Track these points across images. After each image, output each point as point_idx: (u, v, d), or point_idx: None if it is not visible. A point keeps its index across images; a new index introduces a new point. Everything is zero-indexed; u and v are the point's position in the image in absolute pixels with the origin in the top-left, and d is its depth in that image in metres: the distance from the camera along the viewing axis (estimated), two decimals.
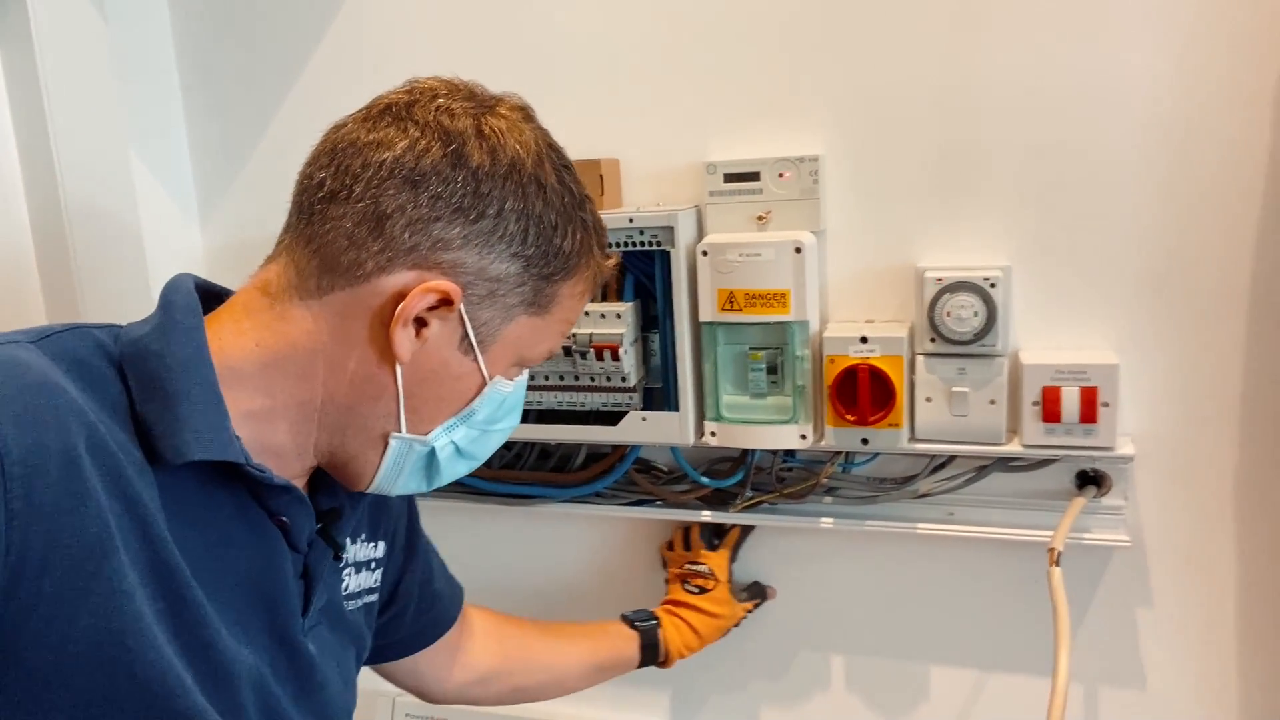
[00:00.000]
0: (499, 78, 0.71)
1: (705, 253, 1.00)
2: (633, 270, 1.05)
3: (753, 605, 1.13)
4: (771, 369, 1.03)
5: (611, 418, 1.06)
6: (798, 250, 0.97)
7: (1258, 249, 0.93)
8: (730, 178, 1.02)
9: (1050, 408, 0.95)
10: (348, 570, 0.77)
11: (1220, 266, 0.94)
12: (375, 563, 0.81)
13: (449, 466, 0.70)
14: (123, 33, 1.18)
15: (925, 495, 1.04)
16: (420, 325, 0.63)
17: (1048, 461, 1.00)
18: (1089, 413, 0.94)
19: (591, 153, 1.04)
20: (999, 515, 1.03)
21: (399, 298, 0.62)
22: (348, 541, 0.77)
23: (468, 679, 0.96)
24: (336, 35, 1.18)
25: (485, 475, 1.16)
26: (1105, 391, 0.94)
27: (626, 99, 1.08)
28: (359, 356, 0.64)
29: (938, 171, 1.00)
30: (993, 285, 0.95)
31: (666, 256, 1.01)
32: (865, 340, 0.98)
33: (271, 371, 0.63)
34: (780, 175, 1.01)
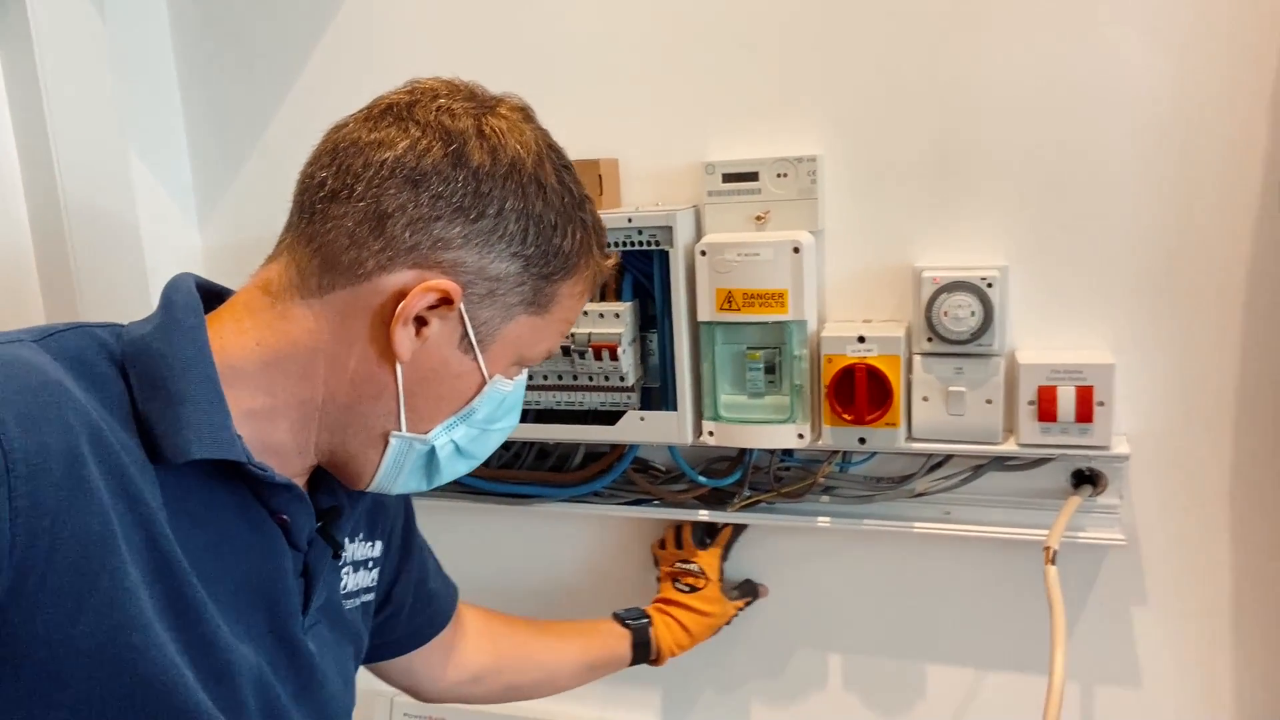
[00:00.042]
0: (499, 78, 0.71)
1: (704, 252, 1.00)
2: (631, 270, 1.05)
3: (744, 603, 1.13)
4: (769, 368, 1.03)
5: (610, 417, 1.07)
6: (796, 250, 0.98)
7: (1254, 250, 0.93)
8: (729, 178, 1.03)
9: (1046, 407, 0.95)
10: (345, 569, 0.78)
11: (1216, 267, 0.95)
12: (372, 562, 0.82)
13: (449, 465, 0.70)
14: (122, 33, 1.18)
15: (922, 494, 1.04)
16: (420, 324, 0.64)
17: (1044, 460, 1.00)
18: (1085, 412, 0.95)
19: (590, 153, 1.04)
20: (995, 514, 1.03)
21: (399, 296, 0.62)
22: (346, 541, 0.77)
23: (461, 677, 0.96)
24: (335, 36, 1.18)
25: (483, 475, 1.16)
26: (1101, 391, 0.94)
27: (626, 99, 1.08)
28: (359, 355, 0.64)
29: (935, 172, 1.00)
30: (989, 285, 0.96)
31: (665, 256, 1.01)
32: (863, 340, 0.98)
33: (272, 370, 0.63)
34: (779, 175, 1.02)
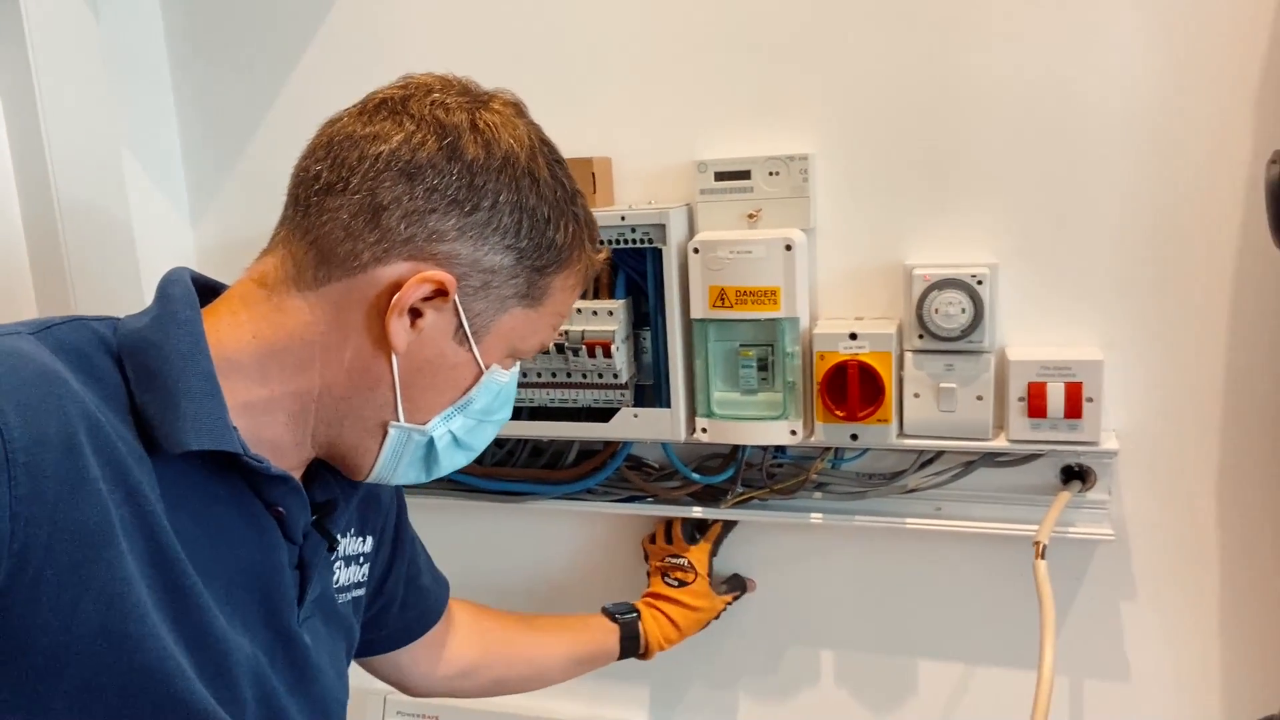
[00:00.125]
0: (492, 77, 0.71)
1: (696, 250, 1.01)
2: (624, 267, 1.05)
3: (732, 598, 1.14)
4: (762, 365, 1.04)
5: (603, 414, 1.07)
6: (788, 248, 0.98)
7: (1240, 247, 0.94)
8: (721, 176, 1.03)
9: (1036, 403, 0.96)
10: (337, 564, 0.78)
11: (1203, 265, 0.96)
12: (364, 557, 0.82)
13: (447, 456, 0.71)
14: (115, 31, 1.18)
15: (913, 490, 1.05)
16: (415, 315, 0.64)
17: (1033, 456, 1.01)
18: (1074, 408, 0.95)
19: (584, 151, 1.04)
20: (985, 510, 1.04)
21: (394, 288, 0.63)
22: (339, 535, 0.77)
23: (450, 672, 0.96)
24: (329, 34, 1.19)
25: (477, 472, 1.17)
26: (1090, 387, 0.95)
27: (619, 98, 1.09)
28: (355, 346, 0.64)
29: (926, 170, 1.01)
30: (980, 283, 0.97)
31: (658, 254, 1.02)
32: (854, 337, 0.99)
33: (269, 362, 0.64)
34: (771, 174, 1.02)
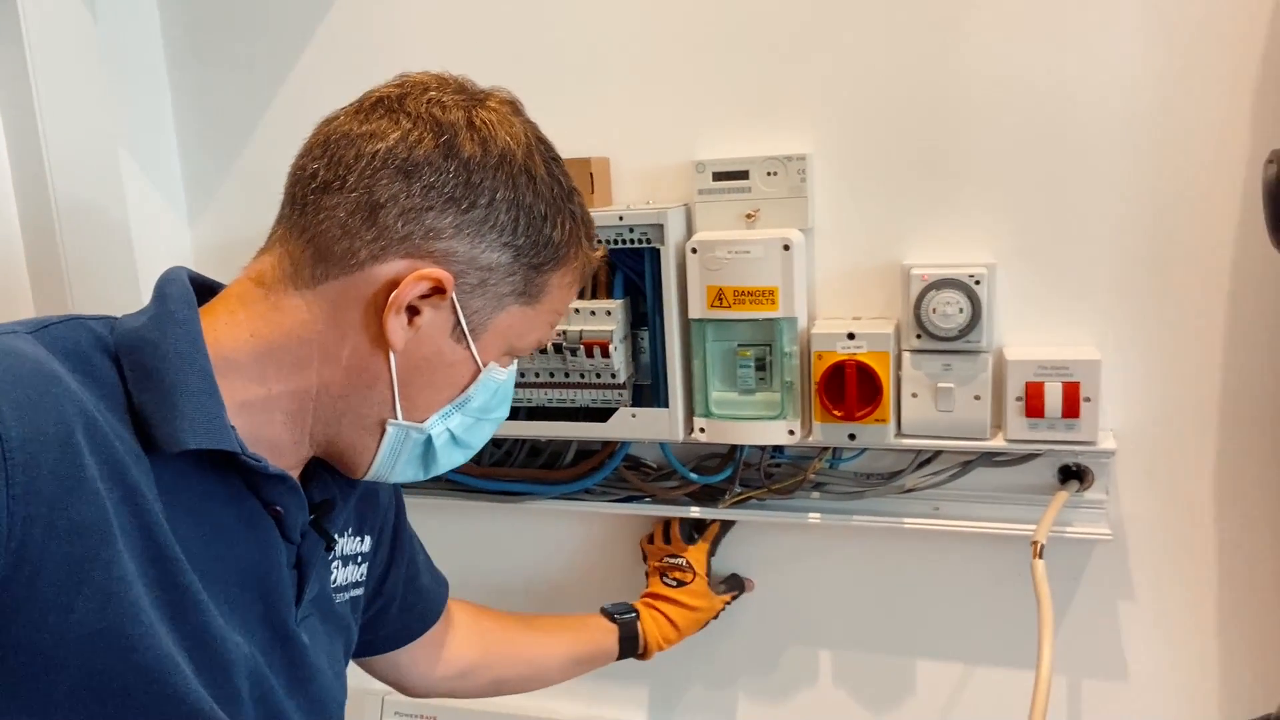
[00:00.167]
0: (491, 77, 0.71)
1: (694, 250, 1.01)
2: (622, 267, 1.05)
3: (731, 597, 1.14)
4: (760, 365, 1.04)
5: (601, 414, 1.07)
6: (786, 248, 0.99)
7: (1237, 247, 0.95)
8: (719, 176, 1.03)
9: (1033, 403, 0.96)
10: (335, 563, 0.78)
11: (1201, 264, 0.96)
12: (362, 557, 0.82)
13: (445, 454, 0.71)
14: (113, 31, 1.18)
15: (911, 490, 1.05)
16: (413, 313, 0.64)
17: (1031, 456, 1.01)
18: (1071, 408, 0.95)
19: (582, 151, 1.04)
20: (983, 509, 1.04)
21: (392, 286, 0.63)
22: (337, 535, 0.77)
23: (448, 673, 0.96)
24: (326, 34, 1.19)
25: (475, 472, 1.17)
26: (1087, 387, 0.95)
27: (617, 98, 1.09)
28: (353, 345, 0.64)
29: (924, 170, 1.01)
30: (977, 282, 0.97)
31: (656, 254, 1.02)
32: (852, 337, 0.99)
33: (266, 361, 0.64)
34: (769, 174, 1.02)
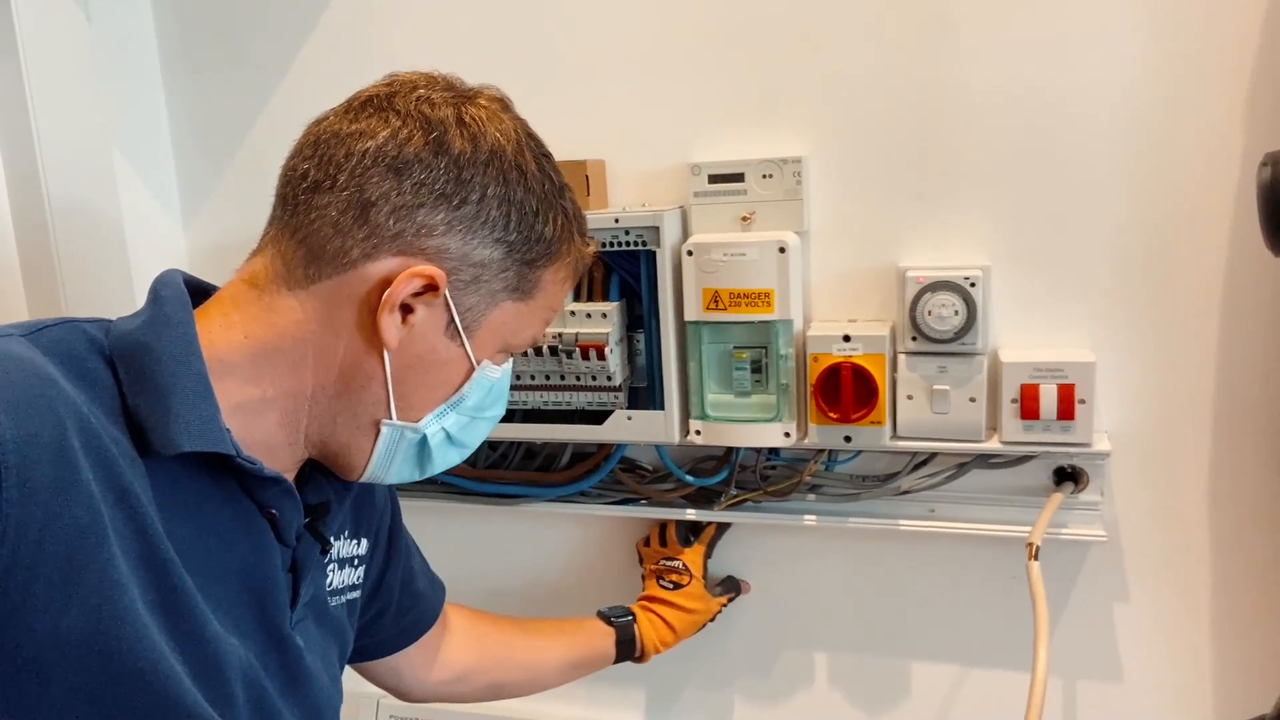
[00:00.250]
0: (486, 79, 0.71)
1: (690, 253, 1.01)
2: (618, 270, 1.05)
3: (727, 599, 1.14)
4: (756, 368, 1.04)
5: (597, 417, 1.07)
6: (782, 250, 0.99)
7: (1230, 249, 0.95)
8: (715, 179, 1.03)
9: (1029, 405, 0.96)
10: (331, 566, 0.78)
11: (1195, 266, 0.96)
12: (358, 560, 0.81)
13: (441, 454, 0.70)
14: (106, 32, 1.18)
15: (907, 492, 1.05)
16: (406, 311, 0.64)
17: (1026, 458, 1.01)
18: (1066, 410, 0.96)
19: (577, 154, 1.04)
20: (979, 511, 1.04)
21: (385, 284, 0.63)
22: (332, 538, 0.77)
23: (446, 677, 0.96)
24: (321, 36, 1.18)
25: (471, 475, 1.16)
26: (1082, 389, 0.95)
27: (612, 101, 1.09)
28: (347, 344, 0.64)
29: (919, 173, 1.01)
30: (973, 285, 0.97)
31: (652, 256, 1.02)
32: (848, 339, 0.99)
33: (261, 362, 0.63)
34: (764, 176, 1.02)
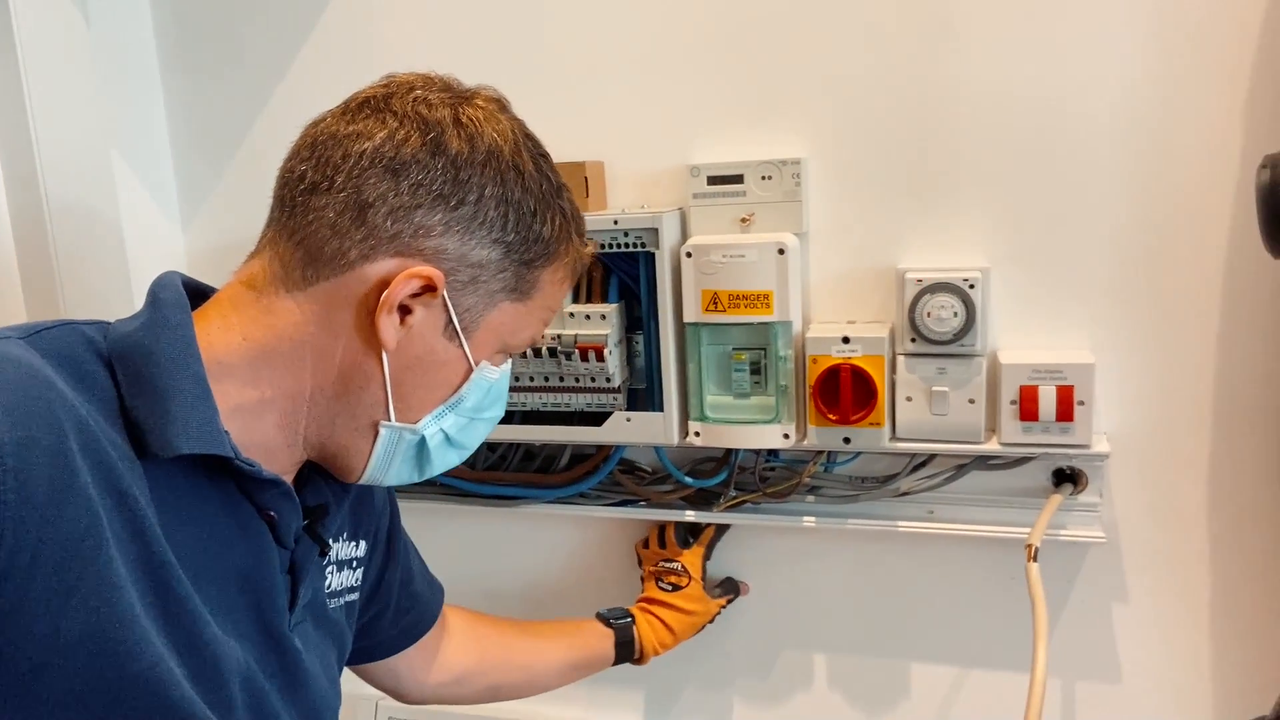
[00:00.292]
0: (484, 80, 0.71)
1: (689, 254, 1.01)
2: (617, 271, 1.05)
3: (726, 601, 1.14)
4: (755, 369, 1.04)
5: (596, 418, 1.07)
6: (781, 252, 0.99)
7: (1230, 250, 0.95)
8: (714, 180, 1.03)
9: (1028, 406, 0.96)
10: (329, 568, 0.77)
11: (1194, 268, 0.96)
12: (356, 561, 0.81)
13: (439, 455, 0.70)
14: (105, 34, 1.17)
15: (906, 494, 1.05)
16: (405, 312, 0.64)
17: (1025, 459, 1.01)
18: (1065, 411, 0.96)
19: (576, 155, 1.04)
20: (978, 513, 1.04)
21: (383, 285, 0.63)
22: (331, 540, 0.77)
23: (444, 679, 0.96)
24: (319, 37, 1.18)
25: (470, 476, 1.16)
26: (1081, 390, 0.95)
27: (611, 102, 1.09)
28: (345, 345, 0.64)
29: (918, 175, 1.01)
30: (972, 286, 0.97)
31: (651, 258, 1.02)
32: (847, 340, 0.99)
33: (259, 364, 0.63)
34: (763, 178, 1.02)
